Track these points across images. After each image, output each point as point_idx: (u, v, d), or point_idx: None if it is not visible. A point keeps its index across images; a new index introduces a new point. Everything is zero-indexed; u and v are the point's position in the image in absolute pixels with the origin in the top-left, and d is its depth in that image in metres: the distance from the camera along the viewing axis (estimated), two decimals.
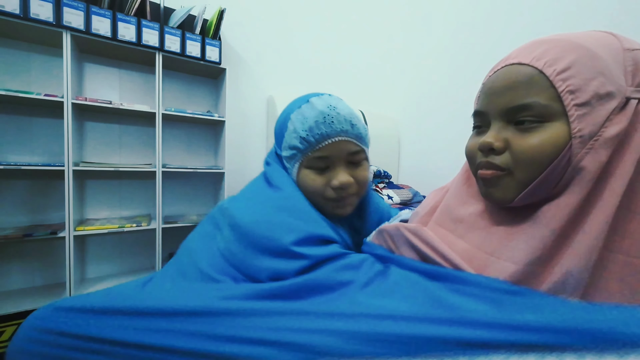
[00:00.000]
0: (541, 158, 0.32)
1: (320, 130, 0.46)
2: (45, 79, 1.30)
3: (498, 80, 0.36)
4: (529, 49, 0.34)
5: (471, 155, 0.40)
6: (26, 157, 1.28)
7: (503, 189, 0.35)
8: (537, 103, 0.32)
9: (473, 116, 0.42)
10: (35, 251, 1.32)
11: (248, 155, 1.88)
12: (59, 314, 0.33)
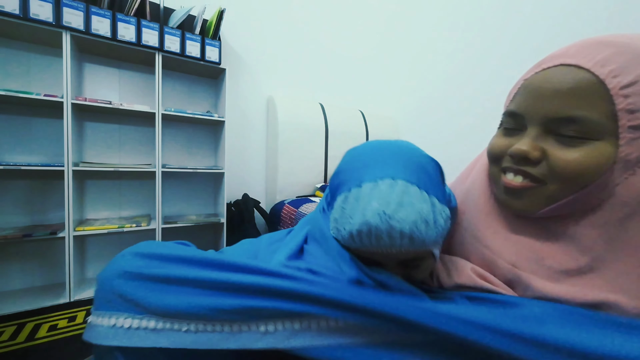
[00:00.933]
0: (581, 176, 0.29)
1: (363, 242, 0.35)
2: (45, 79, 1.30)
3: (548, 81, 0.31)
4: (590, 50, 0.30)
5: (497, 157, 0.37)
6: (26, 157, 1.28)
7: (530, 201, 0.33)
8: (588, 119, 0.29)
9: (505, 116, 0.38)
10: (35, 251, 1.32)
11: (248, 156, 1.88)
12: (136, 258, 0.41)
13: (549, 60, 0.33)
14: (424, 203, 0.33)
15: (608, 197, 0.30)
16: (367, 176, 0.35)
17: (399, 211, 0.32)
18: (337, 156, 2.01)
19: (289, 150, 1.82)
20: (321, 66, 2.12)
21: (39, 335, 1.00)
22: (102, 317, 0.40)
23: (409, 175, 0.34)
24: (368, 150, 0.39)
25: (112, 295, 0.40)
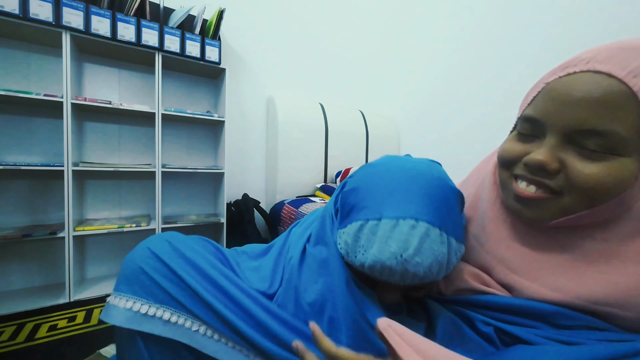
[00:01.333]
0: (601, 192, 0.28)
1: (373, 273, 0.35)
2: (45, 79, 1.30)
3: (575, 87, 0.29)
4: (624, 56, 0.27)
5: (509, 163, 0.35)
6: (25, 157, 1.28)
7: (543, 211, 0.32)
8: (615, 133, 0.27)
9: (522, 120, 0.35)
10: (35, 251, 1.32)
11: (248, 156, 1.88)
12: (164, 246, 0.44)
13: (576, 64, 0.30)
14: (442, 246, 0.33)
15: (623, 212, 0.29)
16: (388, 210, 0.33)
17: (416, 256, 0.32)
18: (337, 156, 2.01)
19: (289, 150, 1.82)
20: (321, 66, 2.12)
21: (39, 335, 0.99)
22: (121, 299, 0.42)
23: (432, 216, 0.33)
24: (390, 174, 0.36)
25: (135, 279, 0.42)
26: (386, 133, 2.28)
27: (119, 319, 0.40)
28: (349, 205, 0.38)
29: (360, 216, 0.36)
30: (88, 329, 1.04)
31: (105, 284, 1.38)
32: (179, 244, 0.45)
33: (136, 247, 0.45)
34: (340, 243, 0.38)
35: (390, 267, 0.32)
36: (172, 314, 0.40)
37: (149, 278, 0.41)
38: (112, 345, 0.92)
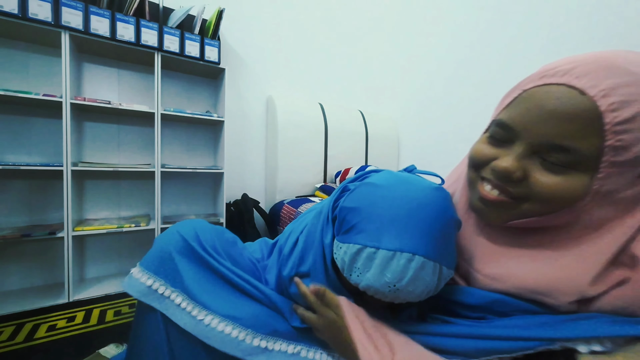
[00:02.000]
0: (557, 201, 0.31)
1: (369, 294, 0.37)
2: (44, 79, 1.30)
3: (549, 100, 0.30)
4: (597, 74, 0.29)
5: (478, 164, 0.38)
6: (25, 157, 1.28)
7: (501, 213, 0.35)
8: (577, 151, 0.29)
9: (495, 125, 0.37)
10: (34, 251, 1.32)
11: (247, 155, 1.88)
12: (190, 231, 0.49)
13: (553, 75, 0.31)
14: (434, 276, 0.35)
15: (572, 219, 0.32)
16: (387, 240, 0.35)
17: (409, 286, 0.34)
18: (336, 156, 2.01)
19: (288, 150, 1.82)
20: (321, 66, 2.12)
21: (38, 335, 0.99)
22: (143, 274, 0.46)
23: (429, 249, 0.34)
24: (393, 201, 0.37)
25: (160, 260, 0.47)
26: (386, 133, 2.29)
27: (135, 290, 0.45)
28: (348, 223, 0.39)
29: (359, 239, 0.37)
30: (87, 329, 1.04)
31: (105, 284, 1.38)
32: (205, 234, 0.50)
33: (170, 228, 0.51)
34: (337, 256, 0.40)
35: (383, 292, 0.35)
36: (183, 300, 0.44)
37: (173, 262, 0.46)
38: (112, 345, 0.92)
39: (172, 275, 0.46)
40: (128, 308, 1.19)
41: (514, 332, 0.32)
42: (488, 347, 0.33)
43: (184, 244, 0.48)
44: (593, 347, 0.29)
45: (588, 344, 0.29)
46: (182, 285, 0.45)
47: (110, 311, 1.16)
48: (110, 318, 1.11)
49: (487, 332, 0.34)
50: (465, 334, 0.35)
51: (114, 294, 1.30)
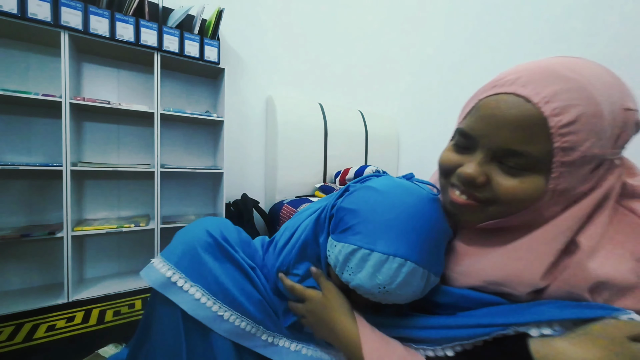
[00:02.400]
0: (518, 203, 0.34)
1: (359, 292, 0.39)
2: (43, 79, 1.30)
3: (499, 108, 0.33)
4: (540, 82, 0.31)
5: (447, 171, 0.40)
6: (24, 157, 1.28)
7: (471, 216, 0.38)
8: (529, 154, 0.32)
9: (458, 134, 0.39)
10: (33, 251, 1.31)
11: (247, 155, 1.88)
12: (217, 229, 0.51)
13: (502, 85, 0.34)
14: (422, 281, 0.37)
15: (536, 218, 0.35)
16: (382, 244, 0.37)
17: (398, 289, 0.36)
18: (336, 156, 2.01)
19: (288, 150, 1.82)
20: (320, 66, 2.12)
21: (37, 335, 0.99)
22: (164, 265, 0.47)
23: (421, 257, 0.36)
24: (390, 207, 0.39)
25: (182, 253, 0.47)
26: (385, 133, 2.29)
27: (153, 280, 0.45)
28: (345, 224, 0.41)
29: (354, 240, 0.38)
30: (86, 329, 1.04)
31: (104, 284, 1.38)
32: (231, 234, 0.52)
33: (194, 223, 0.52)
34: (331, 254, 0.41)
35: (373, 293, 0.37)
36: (202, 295, 0.46)
37: (197, 257, 0.47)
38: (111, 345, 0.92)
39: (193, 270, 0.47)
40: (127, 308, 1.19)
41: (472, 320, 0.35)
42: (450, 335, 0.35)
43: (211, 241, 0.49)
44: (543, 331, 0.31)
45: (539, 328, 0.31)
46: (203, 280, 0.46)
47: (109, 311, 1.16)
48: (110, 318, 1.11)
49: (450, 322, 0.36)
50: (431, 325, 0.38)
51: (113, 294, 1.30)
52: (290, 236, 0.53)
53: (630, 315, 0.29)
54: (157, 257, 0.48)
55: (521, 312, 0.33)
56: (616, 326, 0.28)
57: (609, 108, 0.31)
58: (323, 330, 0.44)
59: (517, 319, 0.32)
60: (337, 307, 0.43)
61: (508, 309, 0.34)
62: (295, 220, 0.56)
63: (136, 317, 1.13)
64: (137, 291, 1.34)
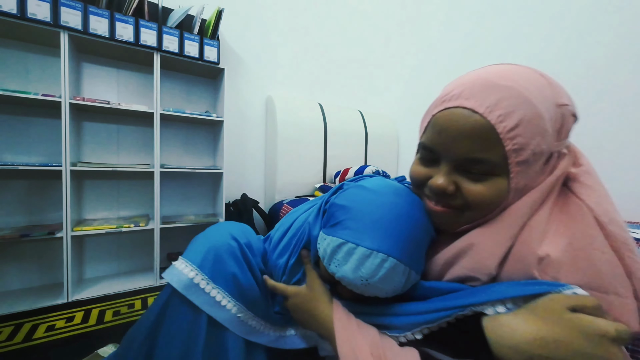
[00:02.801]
0: (488, 204, 0.37)
1: (343, 283, 0.42)
2: (43, 79, 1.30)
3: (452, 121, 0.36)
4: (481, 94, 0.35)
5: (418, 183, 0.43)
6: (23, 157, 1.28)
7: (449, 223, 0.41)
8: (488, 160, 0.35)
9: (421, 148, 0.42)
10: (33, 251, 1.31)
11: (246, 156, 1.88)
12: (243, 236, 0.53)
13: (449, 100, 0.37)
14: (403, 277, 0.39)
15: (500, 214, 0.38)
16: (367, 239, 0.39)
17: (379, 283, 0.38)
18: (336, 155, 2.01)
19: (287, 150, 1.82)
20: (320, 66, 2.12)
21: (37, 335, 0.99)
22: (187, 266, 0.49)
23: (402, 254, 0.39)
24: (379, 206, 0.41)
25: (205, 257, 0.49)
26: (385, 133, 2.29)
27: (177, 281, 0.47)
28: (336, 219, 0.43)
29: (343, 234, 0.41)
30: (86, 329, 1.04)
31: (104, 284, 1.38)
32: (257, 243, 0.55)
33: (217, 227, 0.54)
34: (320, 247, 0.44)
35: (356, 285, 0.39)
36: (223, 297, 0.48)
37: (221, 261, 0.49)
38: (110, 345, 0.92)
39: (216, 273, 0.48)
40: (127, 308, 1.19)
41: (437, 305, 0.38)
42: (419, 320, 0.38)
43: (235, 245, 0.51)
44: (497, 309, 0.34)
45: (494, 306, 0.34)
46: (225, 283, 0.48)
47: (109, 311, 1.16)
48: (109, 318, 1.11)
49: (419, 308, 0.39)
50: (402, 312, 0.41)
51: (112, 294, 1.30)
52: (285, 232, 0.56)
53: (574, 290, 0.32)
54: (179, 260, 0.50)
55: (478, 294, 0.36)
56: (558, 300, 0.31)
57: (545, 107, 0.34)
58: (306, 320, 0.48)
59: (474, 300, 0.35)
60: (318, 297, 0.46)
61: (468, 292, 0.37)
62: (289, 217, 0.59)
63: (136, 317, 1.13)
64: (136, 291, 1.34)
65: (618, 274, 0.33)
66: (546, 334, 0.29)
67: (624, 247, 0.33)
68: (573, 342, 0.28)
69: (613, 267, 0.33)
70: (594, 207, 0.35)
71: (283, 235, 0.56)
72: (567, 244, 0.34)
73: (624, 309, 0.31)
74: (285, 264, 0.53)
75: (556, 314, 0.30)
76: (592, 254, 0.33)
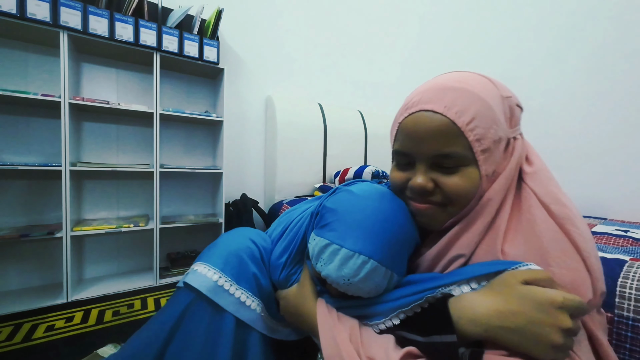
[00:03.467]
0: (466, 195, 0.40)
1: (328, 281, 0.44)
2: (43, 79, 1.30)
3: (418, 124, 0.40)
4: (438, 96, 0.39)
5: (399, 187, 0.46)
6: (23, 157, 1.28)
7: (435, 220, 0.43)
8: (456, 153, 0.39)
9: (395, 154, 0.46)
10: (32, 252, 1.31)
11: (246, 156, 1.88)
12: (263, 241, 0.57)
13: (412, 106, 0.41)
14: (384, 280, 0.42)
15: (484, 205, 0.40)
16: (350, 241, 0.41)
17: (360, 283, 0.41)
18: (335, 155, 2.01)
19: (287, 150, 1.82)
20: (320, 66, 2.12)
21: (36, 335, 0.99)
22: (209, 270, 0.51)
23: (384, 256, 0.41)
24: (364, 210, 0.44)
25: (227, 260, 0.51)
26: (385, 133, 2.28)
27: (201, 285, 0.48)
28: (324, 221, 0.46)
29: (329, 236, 0.43)
30: (86, 329, 1.03)
31: (103, 284, 1.38)
32: (268, 244, 0.58)
33: (235, 232, 0.57)
34: (310, 246, 0.47)
35: (338, 283, 0.42)
36: (247, 297, 0.51)
37: (243, 265, 0.51)
38: (110, 345, 0.92)
39: (239, 275, 0.51)
40: (126, 308, 1.19)
41: (409, 290, 0.41)
42: (395, 306, 0.41)
43: (255, 249, 0.54)
44: (463, 289, 0.37)
45: (460, 287, 0.38)
46: (248, 285, 0.51)
47: (108, 311, 1.16)
48: (109, 318, 1.11)
49: (395, 294, 0.42)
50: (380, 301, 0.43)
51: (112, 294, 1.30)
52: (282, 232, 0.58)
53: (529, 266, 0.35)
54: (199, 264, 0.52)
55: (445, 277, 0.39)
56: (513, 275, 0.34)
57: (494, 100, 0.39)
58: (295, 318, 0.50)
59: (441, 282, 0.39)
60: (305, 295, 0.49)
61: (437, 277, 0.41)
62: (286, 217, 0.61)
63: (135, 317, 1.13)
64: (136, 291, 1.34)
65: (565, 249, 0.36)
66: (501, 306, 0.33)
67: (568, 222, 0.37)
68: (525, 311, 0.31)
69: (558, 243, 0.36)
70: (537, 190, 0.40)
71: (281, 235, 0.59)
72: (523, 241, 0.38)
73: (575, 282, 0.34)
74: (284, 264, 0.55)
75: (510, 287, 0.33)
76: (540, 234, 0.37)
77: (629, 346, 0.57)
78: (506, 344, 0.32)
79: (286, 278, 0.54)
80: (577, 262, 0.35)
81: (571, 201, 0.39)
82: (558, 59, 1.72)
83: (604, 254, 0.76)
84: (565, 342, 0.30)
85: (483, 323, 0.33)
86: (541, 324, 0.30)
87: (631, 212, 1.52)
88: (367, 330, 0.42)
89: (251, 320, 0.51)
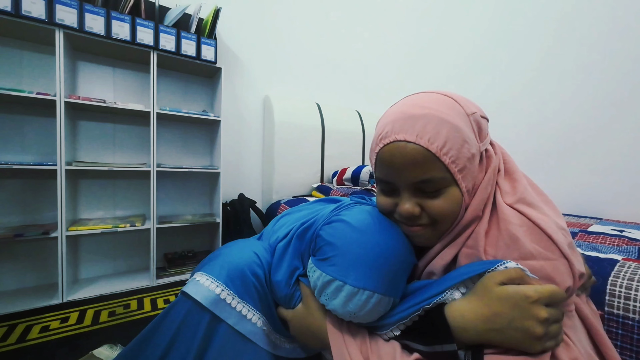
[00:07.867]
0: (451, 213, 0.42)
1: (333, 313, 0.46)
2: (38, 77, 1.28)
3: (395, 156, 0.41)
4: (408, 125, 0.40)
5: (388, 212, 0.48)
6: (18, 156, 1.27)
7: (429, 239, 0.45)
8: (435, 177, 0.40)
9: (378, 181, 0.48)
10: (27, 252, 1.30)
11: (244, 155, 1.87)
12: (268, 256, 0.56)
13: (385, 137, 0.43)
14: (388, 306, 0.44)
15: (464, 215, 0.43)
16: (353, 277, 0.43)
17: (366, 315, 0.43)
18: (333, 155, 2.01)
19: (285, 149, 1.82)
20: (318, 66, 2.12)
21: (31, 336, 0.98)
22: (212, 282, 0.50)
23: (387, 288, 0.42)
24: (365, 245, 0.44)
25: (229, 273, 0.51)
26: None
27: (203, 297, 0.48)
28: (324, 254, 0.47)
29: (331, 271, 0.44)
30: (81, 330, 1.03)
31: (99, 284, 1.37)
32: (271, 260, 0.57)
33: (238, 244, 0.58)
34: (311, 278, 0.48)
35: (344, 316, 0.44)
36: (249, 311, 0.51)
37: (246, 279, 0.51)
38: (105, 346, 0.92)
39: (242, 289, 0.51)
40: (122, 309, 1.18)
41: (407, 303, 0.43)
42: (396, 318, 0.42)
43: (259, 262, 0.54)
44: (454, 295, 0.39)
45: (451, 294, 0.39)
46: (251, 299, 0.51)
47: (104, 312, 1.15)
48: (105, 319, 1.10)
49: (394, 311, 0.43)
50: (381, 318, 0.44)
51: (108, 295, 1.29)
52: (285, 246, 0.57)
53: (506, 264, 0.37)
54: (201, 274, 0.52)
55: (435, 286, 0.41)
56: (491, 277, 0.36)
57: (460, 120, 0.41)
58: (306, 337, 0.51)
59: (433, 291, 0.40)
60: (312, 313, 0.49)
61: (429, 287, 0.42)
62: (283, 226, 0.60)
63: (131, 317, 1.13)
64: (132, 292, 1.33)
65: (540, 240, 0.38)
66: (485, 310, 0.35)
67: (534, 216, 0.39)
68: (505, 311, 0.34)
69: (532, 235, 0.38)
70: (507, 190, 0.43)
71: (283, 251, 0.58)
72: (502, 240, 0.40)
73: (555, 271, 0.36)
74: (287, 284, 0.54)
75: (488, 290, 0.36)
76: (515, 231, 0.39)
77: (620, 343, 0.59)
78: (498, 344, 0.34)
79: (291, 295, 0.54)
80: (554, 252, 0.37)
81: (535, 197, 0.43)
82: (553, 58, 1.73)
83: (598, 253, 0.76)
84: (547, 331, 0.33)
85: (472, 328, 0.35)
86: (521, 319, 0.33)
87: (626, 212, 1.53)
88: (375, 339, 0.44)
89: (251, 333, 0.51)
